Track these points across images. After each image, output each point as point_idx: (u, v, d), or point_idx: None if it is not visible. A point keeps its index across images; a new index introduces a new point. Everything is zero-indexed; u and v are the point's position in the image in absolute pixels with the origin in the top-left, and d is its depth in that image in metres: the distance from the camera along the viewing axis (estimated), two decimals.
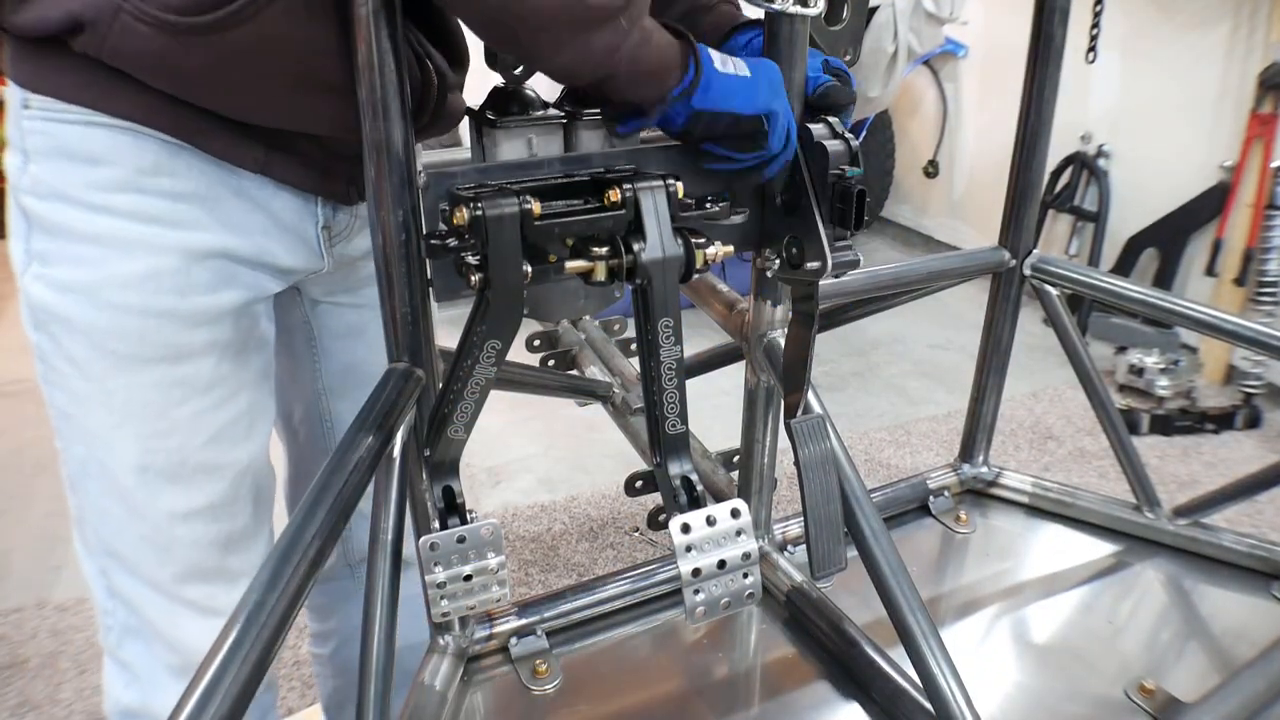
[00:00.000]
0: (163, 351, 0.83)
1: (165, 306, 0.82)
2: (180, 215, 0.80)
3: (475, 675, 0.98)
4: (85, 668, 1.85)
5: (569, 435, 2.74)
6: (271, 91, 0.78)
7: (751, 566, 0.77)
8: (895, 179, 4.59)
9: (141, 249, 0.80)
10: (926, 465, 2.37)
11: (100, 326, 0.81)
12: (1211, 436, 2.77)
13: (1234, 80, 3.01)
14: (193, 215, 0.81)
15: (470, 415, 0.80)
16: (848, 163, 0.80)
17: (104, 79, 0.75)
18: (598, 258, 0.72)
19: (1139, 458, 1.28)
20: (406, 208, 0.76)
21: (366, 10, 0.69)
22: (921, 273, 1.24)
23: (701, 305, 1.14)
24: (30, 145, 0.78)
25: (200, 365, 0.86)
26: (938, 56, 4.15)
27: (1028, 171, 1.23)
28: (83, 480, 0.89)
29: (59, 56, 0.75)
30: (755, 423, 1.07)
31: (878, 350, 3.40)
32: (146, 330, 0.82)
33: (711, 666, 1.02)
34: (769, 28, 0.84)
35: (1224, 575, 1.19)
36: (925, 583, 1.19)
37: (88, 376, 0.83)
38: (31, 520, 2.31)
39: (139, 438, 0.85)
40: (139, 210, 0.79)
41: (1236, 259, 3.00)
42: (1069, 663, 1.04)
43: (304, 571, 0.64)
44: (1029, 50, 1.18)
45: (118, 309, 0.81)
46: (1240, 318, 1.15)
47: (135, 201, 0.79)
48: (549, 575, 2.14)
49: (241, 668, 0.57)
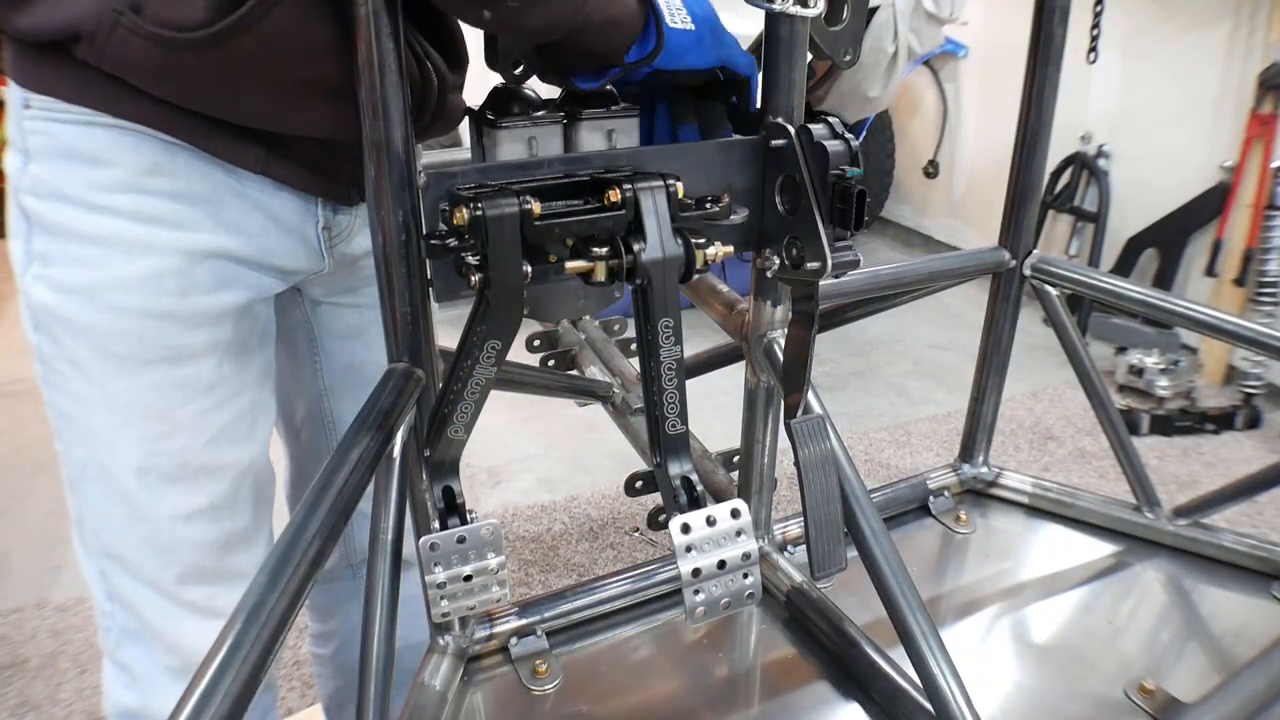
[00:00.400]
0: (164, 353, 0.83)
1: (166, 308, 0.82)
2: (181, 216, 0.80)
3: (475, 675, 0.98)
4: (85, 668, 1.85)
5: (569, 435, 2.74)
6: (271, 98, 0.78)
7: (751, 566, 0.77)
8: (895, 179, 4.60)
9: (142, 250, 0.80)
10: (926, 465, 2.37)
11: (101, 328, 0.81)
12: (1211, 437, 2.77)
13: (1234, 80, 3.01)
14: (194, 216, 0.81)
15: (470, 415, 0.80)
16: (848, 163, 0.79)
17: (104, 82, 0.74)
18: (598, 258, 0.72)
19: (1139, 458, 1.28)
20: (406, 208, 0.75)
21: (366, 10, 0.69)
22: (921, 273, 1.24)
23: (701, 305, 1.14)
24: (31, 145, 0.78)
25: (202, 366, 0.86)
26: (938, 56, 4.15)
27: (1028, 172, 1.23)
28: (83, 482, 0.89)
29: (60, 60, 0.74)
30: (755, 423, 1.07)
31: (878, 350, 3.40)
32: (148, 331, 0.82)
33: (711, 666, 1.02)
34: (769, 28, 0.84)
35: (1224, 575, 1.19)
36: (925, 583, 1.19)
37: (89, 378, 0.83)
38: (31, 520, 2.31)
39: (141, 439, 0.85)
40: (140, 211, 0.79)
41: (1236, 259, 3.00)
42: (1069, 663, 1.04)
43: (304, 572, 0.64)
44: (1029, 50, 1.18)
45: (119, 310, 0.81)
46: (1240, 318, 1.15)
47: (136, 202, 0.78)
48: (549, 575, 2.14)
49: (242, 668, 0.57)
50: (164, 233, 0.80)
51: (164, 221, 0.80)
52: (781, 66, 0.84)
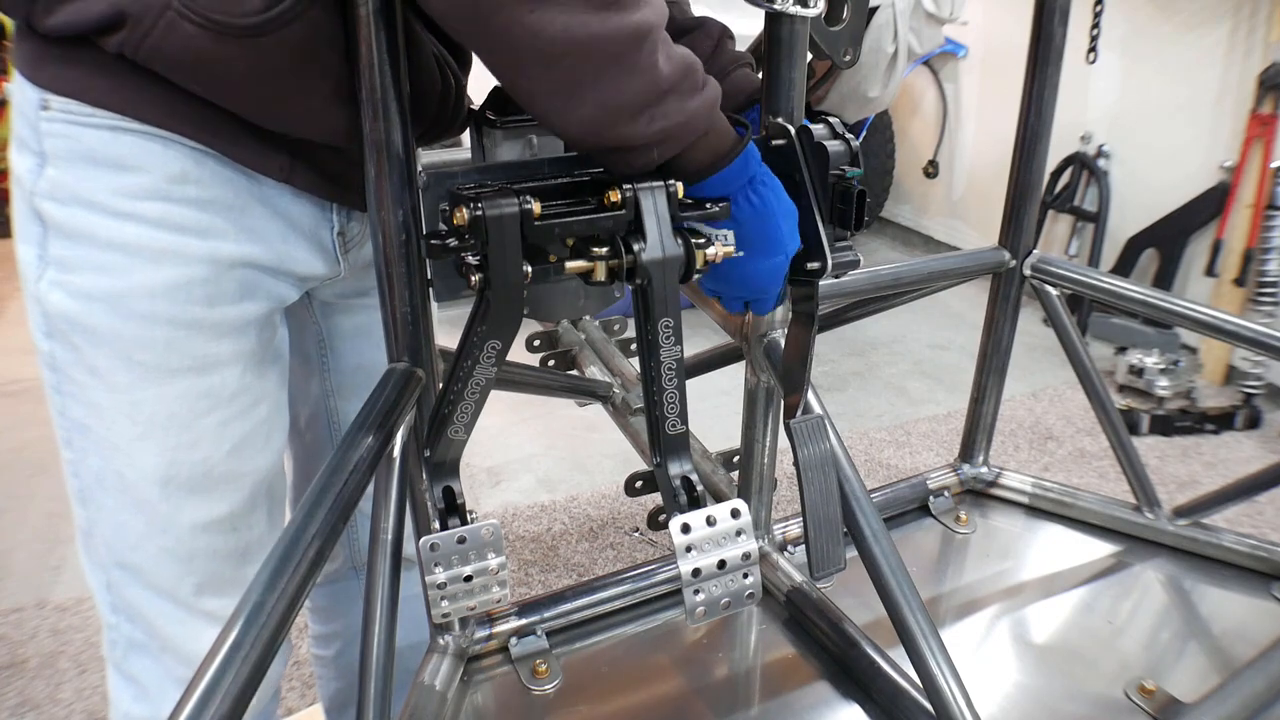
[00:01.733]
0: (191, 362, 0.83)
1: (194, 316, 0.81)
2: (208, 224, 0.80)
3: (475, 675, 0.98)
4: (85, 668, 1.85)
5: (569, 435, 2.74)
6: (303, 100, 0.77)
7: (751, 566, 0.77)
8: (895, 179, 4.60)
9: (170, 258, 0.79)
10: (926, 465, 2.37)
11: (126, 336, 0.80)
12: (1211, 437, 2.77)
13: (1234, 80, 3.01)
14: (220, 224, 0.80)
15: (470, 415, 0.80)
16: (848, 163, 0.79)
17: (134, 82, 0.73)
18: (598, 258, 0.72)
19: (1139, 458, 1.28)
20: (406, 208, 0.76)
21: (367, 10, 0.69)
22: (921, 273, 1.24)
23: (701, 305, 1.14)
24: (49, 148, 0.76)
25: (226, 375, 0.85)
26: (938, 56, 4.15)
27: (1028, 172, 1.23)
28: (97, 492, 0.87)
29: (87, 58, 0.73)
30: (755, 423, 1.07)
31: (878, 350, 3.40)
32: (175, 340, 0.81)
33: (711, 666, 1.02)
34: (769, 28, 0.84)
35: (1224, 575, 1.19)
36: (925, 583, 1.19)
37: (112, 388, 0.82)
38: (31, 520, 2.31)
39: (163, 449, 0.84)
40: (167, 218, 0.78)
41: (1236, 259, 3.00)
42: (1069, 663, 1.04)
43: (304, 572, 0.64)
44: (1029, 50, 1.18)
45: (146, 318, 0.79)
46: (1240, 318, 1.15)
47: (164, 209, 0.77)
48: (549, 575, 2.14)
49: (242, 668, 0.57)
50: (192, 241, 0.79)
51: (192, 230, 0.79)
52: (781, 66, 0.84)
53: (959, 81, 4.19)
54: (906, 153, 4.54)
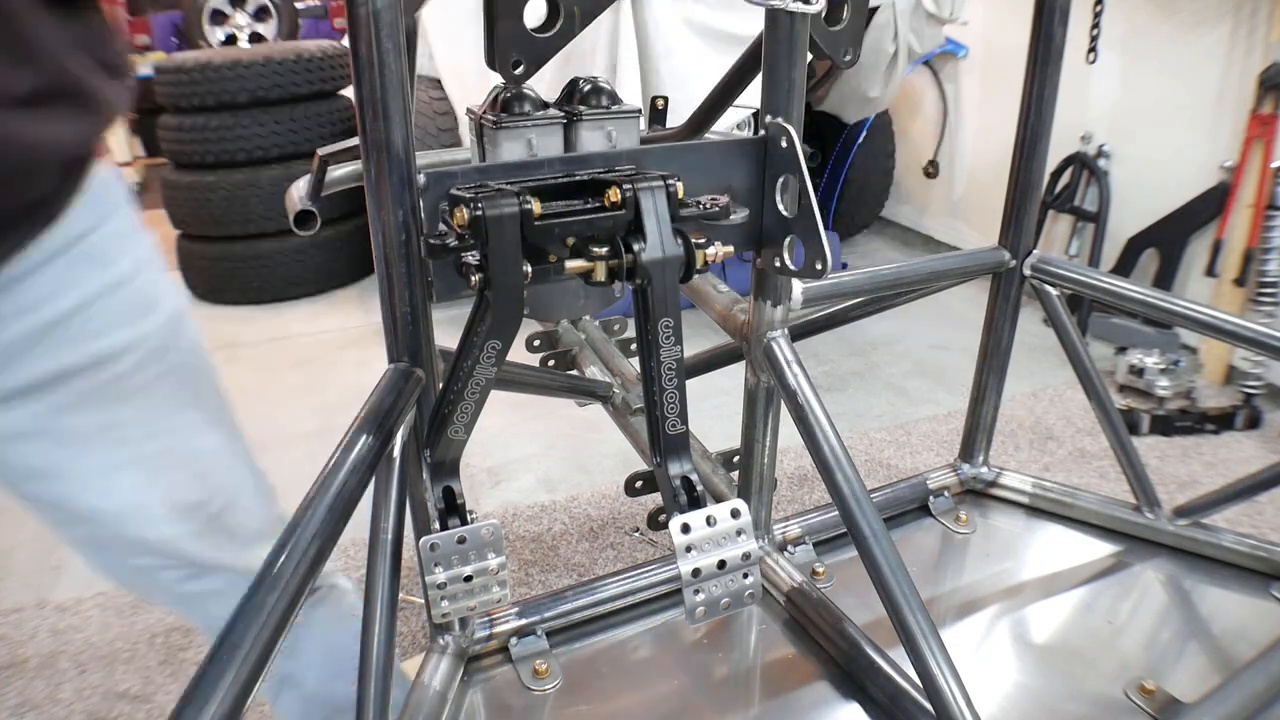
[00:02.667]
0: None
1: None
2: None
3: (475, 675, 0.98)
4: (85, 667, 1.84)
5: (569, 435, 2.74)
6: None
7: (751, 566, 0.77)
8: (895, 179, 4.59)
9: None
10: (926, 465, 2.37)
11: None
12: (1211, 437, 2.77)
13: (1234, 80, 3.01)
14: None
15: (470, 416, 0.80)
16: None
17: None
18: (598, 258, 0.72)
19: (1139, 458, 1.28)
20: (406, 208, 0.75)
21: (367, 10, 0.69)
22: (921, 273, 1.24)
23: (701, 305, 1.14)
24: None
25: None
26: (938, 56, 4.14)
27: (1028, 172, 1.23)
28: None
29: None
30: (755, 423, 1.07)
31: (878, 350, 3.40)
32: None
33: (711, 666, 1.02)
34: (769, 26, 0.84)
35: (1224, 575, 1.19)
36: (925, 583, 1.19)
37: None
38: (31, 520, 2.31)
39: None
40: None
41: (1236, 259, 3.00)
42: (1069, 663, 1.04)
43: (304, 572, 0.64)
44: (1029, 50, 1.18)
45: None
46: (1240, 318, 1.15)
47: None
48: (549, 575, 2.14)
49: (242, 668, 0.57)
50: None
51: None
52: (781, 66, 0.84)
53: (959, 81, 4.19)
54: (906, 153, 4.54)
